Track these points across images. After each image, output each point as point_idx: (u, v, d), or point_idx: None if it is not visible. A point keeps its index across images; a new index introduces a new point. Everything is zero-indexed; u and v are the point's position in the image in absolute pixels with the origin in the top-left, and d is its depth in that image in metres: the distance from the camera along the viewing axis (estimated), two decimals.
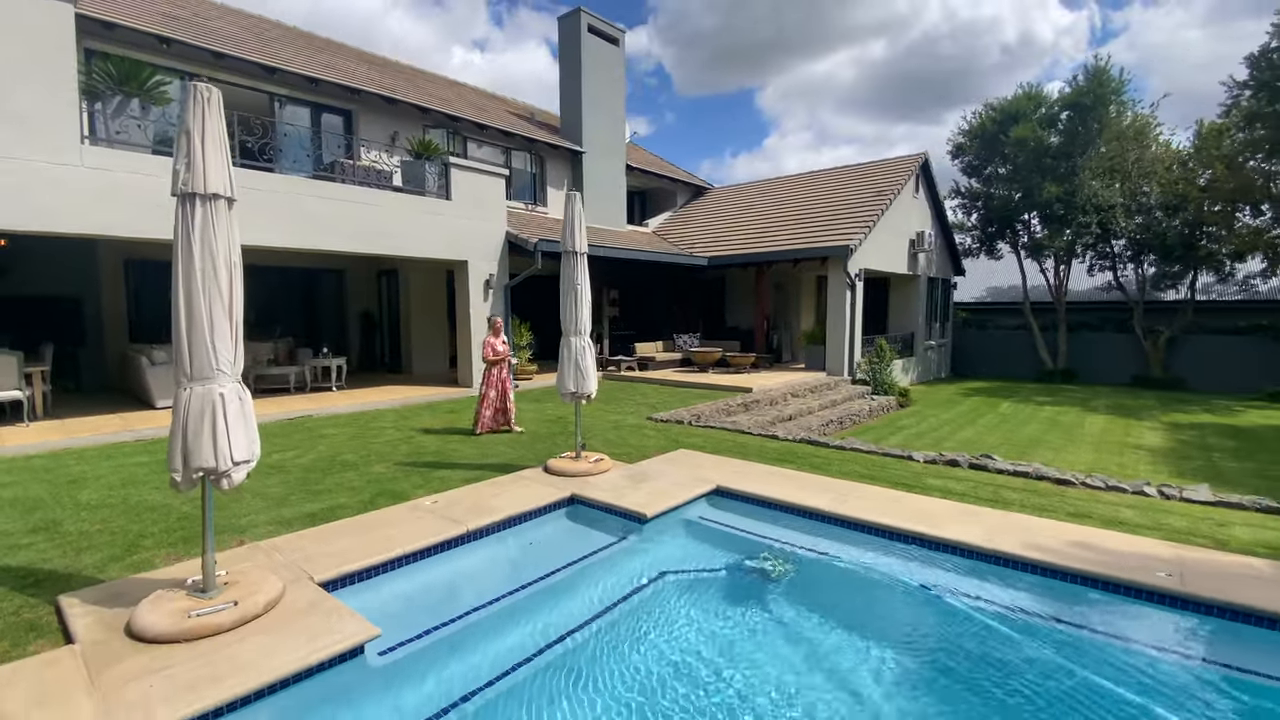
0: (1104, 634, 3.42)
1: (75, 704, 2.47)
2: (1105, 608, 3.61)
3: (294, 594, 3.40)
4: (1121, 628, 3.46)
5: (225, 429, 3.09)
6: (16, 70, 6.87)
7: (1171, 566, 3.76)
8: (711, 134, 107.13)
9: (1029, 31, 73.83)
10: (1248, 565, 3.83)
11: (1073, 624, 3.52)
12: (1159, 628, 3.43)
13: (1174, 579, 3.59)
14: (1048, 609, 3.68)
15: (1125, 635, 3.40)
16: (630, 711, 2.84)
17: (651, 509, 4.87)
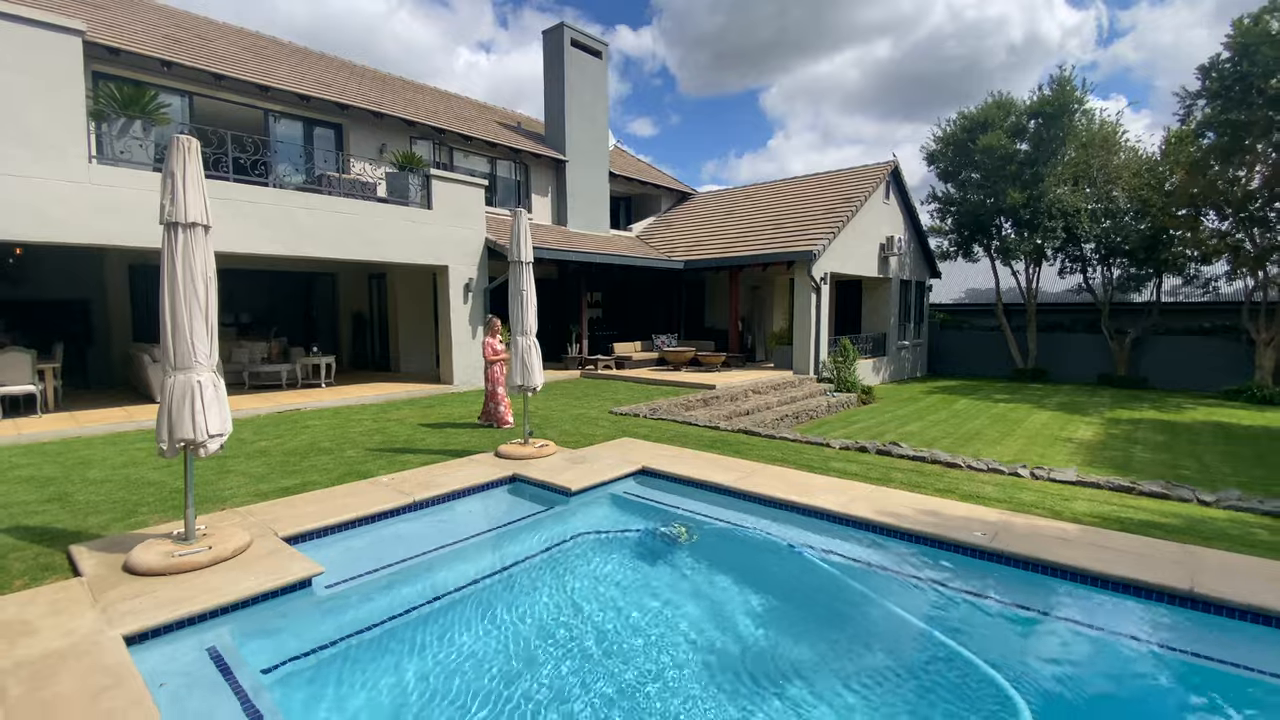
0: (920, 578, 4.18)
1: (81, 613, 3.26)
2: (927, 559, 4.37)
3: (259, 544, 4.19)
4: (936, 574, 4.21)
5: (202, 408, 3.88)
6: (30, 96, 7.70)
7: (992, 529, 4.51)
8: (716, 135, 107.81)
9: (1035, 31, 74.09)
10: (1061, 529, 4.57)
11: (897, 571, 4.28)
12: (967, 575, 4.18)
13: (986, 538, 4.33)
14: (882, 560, 4.44)
15: (939, 580, 4.15)
16: (527, 632, 3.62)
17: (578, 484, 5.65)
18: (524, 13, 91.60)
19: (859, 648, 3.63)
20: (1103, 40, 75.09)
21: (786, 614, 4.03)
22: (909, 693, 3.14)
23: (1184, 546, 4.19)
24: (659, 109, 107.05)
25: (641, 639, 3.60)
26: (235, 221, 9.38)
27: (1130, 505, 5.27)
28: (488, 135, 16.09)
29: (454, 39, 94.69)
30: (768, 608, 4.06)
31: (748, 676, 3.21)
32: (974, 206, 20.22)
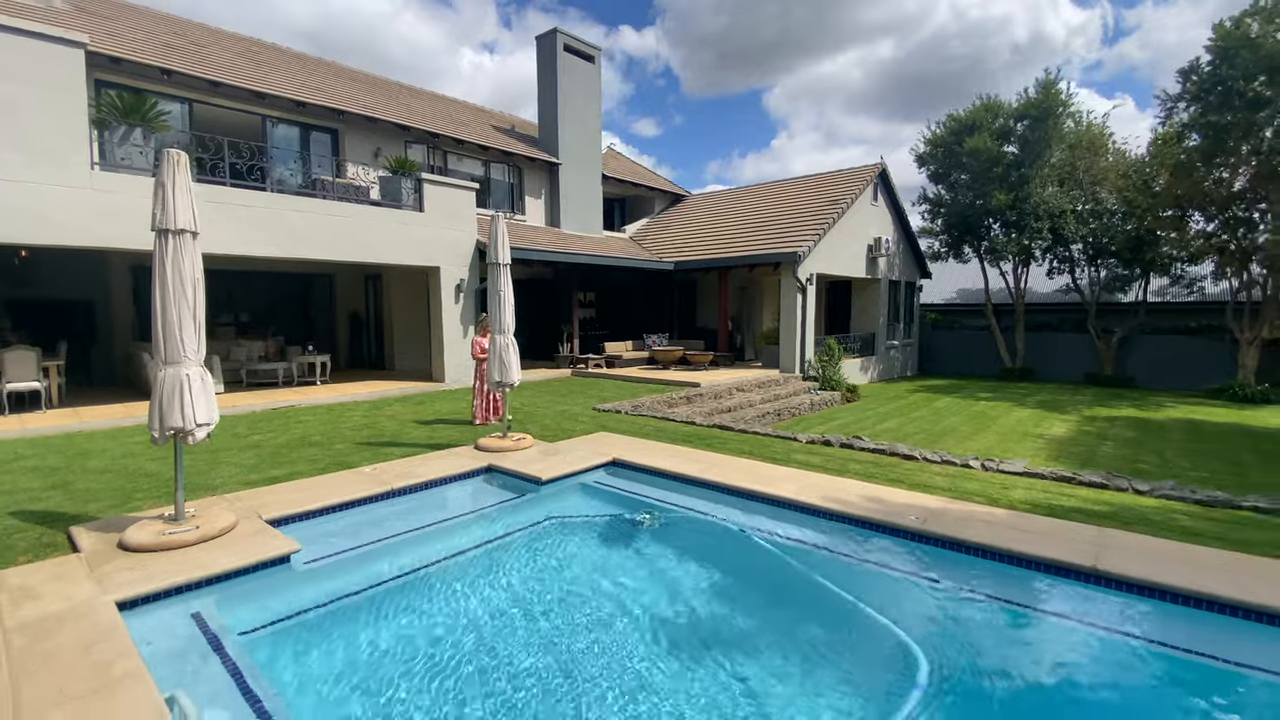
0: (855, 557, 4.51)
1: (79, 582, 3.61)
2: (864, 540, 4.69)
3: (244, 525, 4.53)
4: (870, 554, 4.54)
5: (190, 399, 4.22)
6: (36, 106, 8.08)
7: (928, 514, 4.83)
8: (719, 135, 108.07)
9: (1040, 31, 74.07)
10: (992, 514, 4.89)
11: (836, 551, 4.61)
12: (897, 555, 4.50)
13: (919, 522, 4.65)
14: (824, 541, 4.77)
15: (871, 559, 4.47)
16: (487, 602, 3.96)
17: (548, 474, 5.99)
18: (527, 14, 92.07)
19: (792, 616, 3.97)
20: (1108, 39, 75.08)
21: (731, 588, 4.36)
22: (830, 652, 3.49)
23: (1100, 529, 4.51)
24: (662, 109, 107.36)
25: (598, 608, 3.95)
26: (231, 225, 9.74)
27: (1067, 494, 5.59)
28: (481, 139, 16.45)
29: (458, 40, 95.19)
30: (715, 583, 4.40)
31: (692, 639, 3.58)
32: (962, 208, 20.50)
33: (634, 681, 3.15)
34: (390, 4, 79.95)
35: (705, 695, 3.04)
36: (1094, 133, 19.64)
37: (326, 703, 2.96)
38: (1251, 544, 4.36)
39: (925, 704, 2.94)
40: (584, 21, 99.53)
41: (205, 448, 7.18)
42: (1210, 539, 4.43)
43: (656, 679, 3.18)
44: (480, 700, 2.97)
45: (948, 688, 3.08)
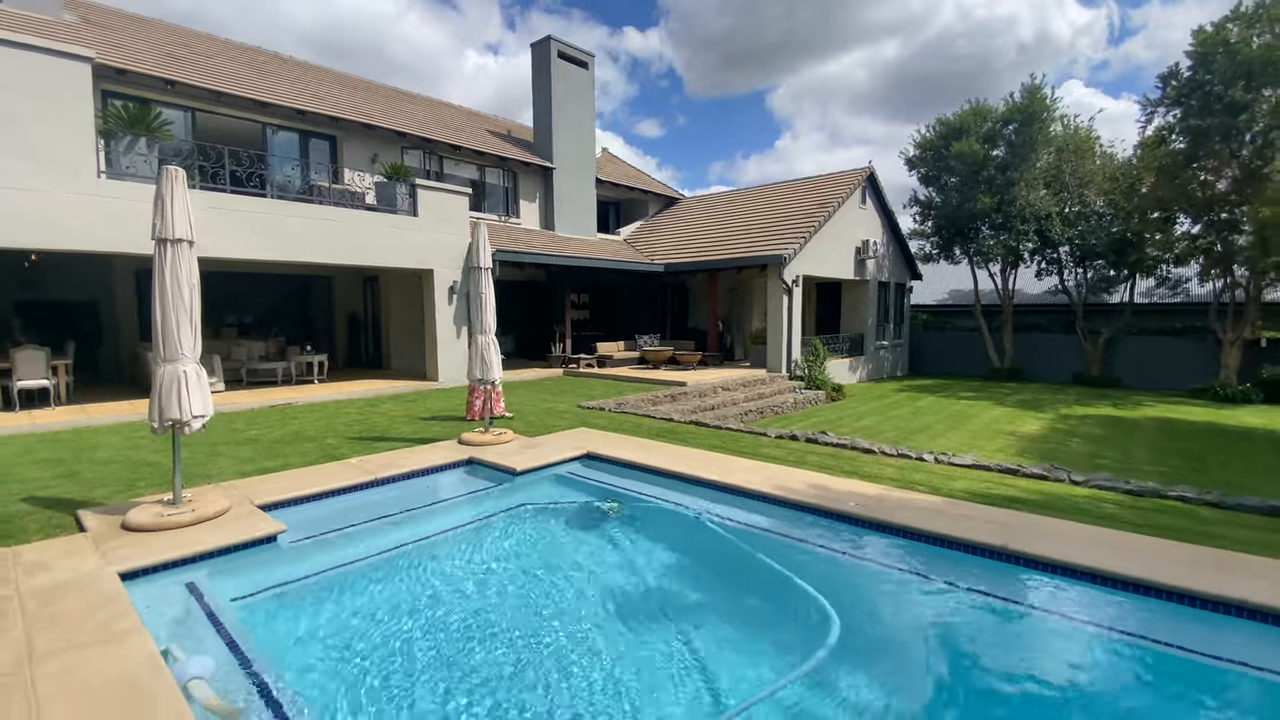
0: (794, 538, 4.90)
1: (85, 556, 4.02)
2: (804, 524, 5.08)
3: (236, 509, 4.94)
4: (807, 534, 4.93)
5: (186, 393, 4.64)
6: (45, 117, 8.52)
7: (868, 501, 5.21)
8: (723, 136, 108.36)
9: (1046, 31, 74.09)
10: (925, 501, 5.27)
11: (778, 533, 5.01)
12: (830, 535, 4.89)
13: (858, 507, 5.04)
14: (772, 525, 5.16)
15: (806, 539, 4.87)
16: (454, 577, 4.37)
17: (523, 465, 6.39)
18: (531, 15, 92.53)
19: (735, 589, 4.41)
20: (1114, 39, 75.05)
21: (685, 566, 4.77)
22: (764, 617, 3.94)
23: (1022, 514, 4.88)
24: (666, 110, 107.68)
25: (561, 581, 4.36)
26: (232, 230, 10.18)
27: (1007, 484, 5.96)
28: (476, 145, 16.88)
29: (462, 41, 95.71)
30: (671, 561, 4.82)
31: (646, 607, 4.02)
32: (951, 210, 20.84)
33: (589, 642, 3.56)
34: (394, 6, 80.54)
35: (655, 652, 3.46)
36: (1081, 136, 19.96)
37: (300, 652, 3.37)
38: (1167, 529, 4.72)
39: (832, 656, 3.35)
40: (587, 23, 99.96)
41: (204, 441, 7.62)
42: (1127, 524, 4.80)
43: (610, 639, 3.60)
44: (431, 651, 3.38)
45: (852, 643, 3.49)
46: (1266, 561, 3.96)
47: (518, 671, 3.28)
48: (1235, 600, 3.45)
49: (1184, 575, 3.69)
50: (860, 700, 3.12)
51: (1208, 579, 3.65)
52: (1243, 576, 3.67)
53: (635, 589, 4.33)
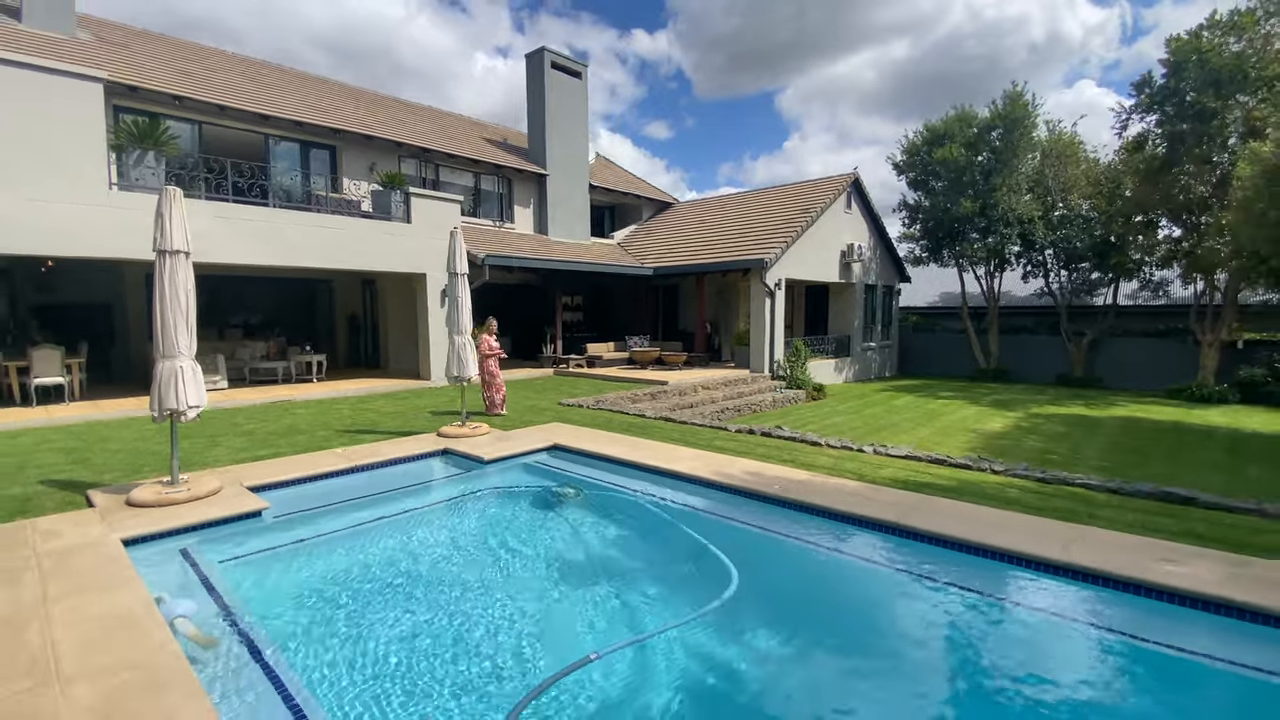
0: (718, 514, 5.49)
1: (93, 526, 4.65)
2: (735, 504, 5.65)
3: (228, 490, 5.57)
4: (735, 513, 5.51)
5: (183, 386, 5.27)
6: (60, 134, 9.22)
7: (792, 485, 5.77)
8: (731, 137, 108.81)
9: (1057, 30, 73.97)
10: (848, 485, 5.82)
11: (707, 511, 5.60)
12: (750, 512, 5.48)
13: (781, 490, 5.60)
14: (705, 505, 5.75)
15: (728, 515, 5.46)
16: (436, 550, 4.99)
17: (491, 455, 6.99)
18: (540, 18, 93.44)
19: (664, 557, 5.03)
20: (1126, 38, 74.84)
21: (624, 538, 5.37)
22: (683, 577, 4.58)
23: (924, 496, 5.43)
24: (674, 112, 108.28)
25: (511, 549, 4.98)
26: (236, 237, 10.85)
27: (930, 472, 6.50)
28: (472, 153, 17.54)
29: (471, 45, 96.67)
30: (613, 535, 5.44)
31: (586, 571, 4.67)
32: (936, 214, 21.30)
33: (535, 599, 4.18)
34: (405, 9, 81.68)
35: (590, 605, 4.08)
36: (1065, 140, 20.38)
37: (272, 602, 3.99)
38: (1054, 510, 5.25)
39: (728, 602, 3.98)
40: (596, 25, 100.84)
41: (205, 433, 8.27)
42: (1022, 506, 5.33)
43: (552, 595, 4.22)
44: (386, 600, 3.99)
45: (745, 594, 4.10)
46: (1115, 535, 4.49)
47: (463, 617, 3.89)
48: (1065, 563, 4.00)
49: (1034, 545, 4.24)
50: (745, 635, 3.74)
51: (1056, 549, 4.19)
52: (1088, 547, 4.21)
53: (579, 556, 4.93)
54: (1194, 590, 3.62)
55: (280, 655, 3.22)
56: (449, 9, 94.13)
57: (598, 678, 3.18)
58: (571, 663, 3.24)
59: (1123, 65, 75.68)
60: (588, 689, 3.09)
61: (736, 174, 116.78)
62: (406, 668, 3.29)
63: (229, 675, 3.08)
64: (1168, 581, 3.72)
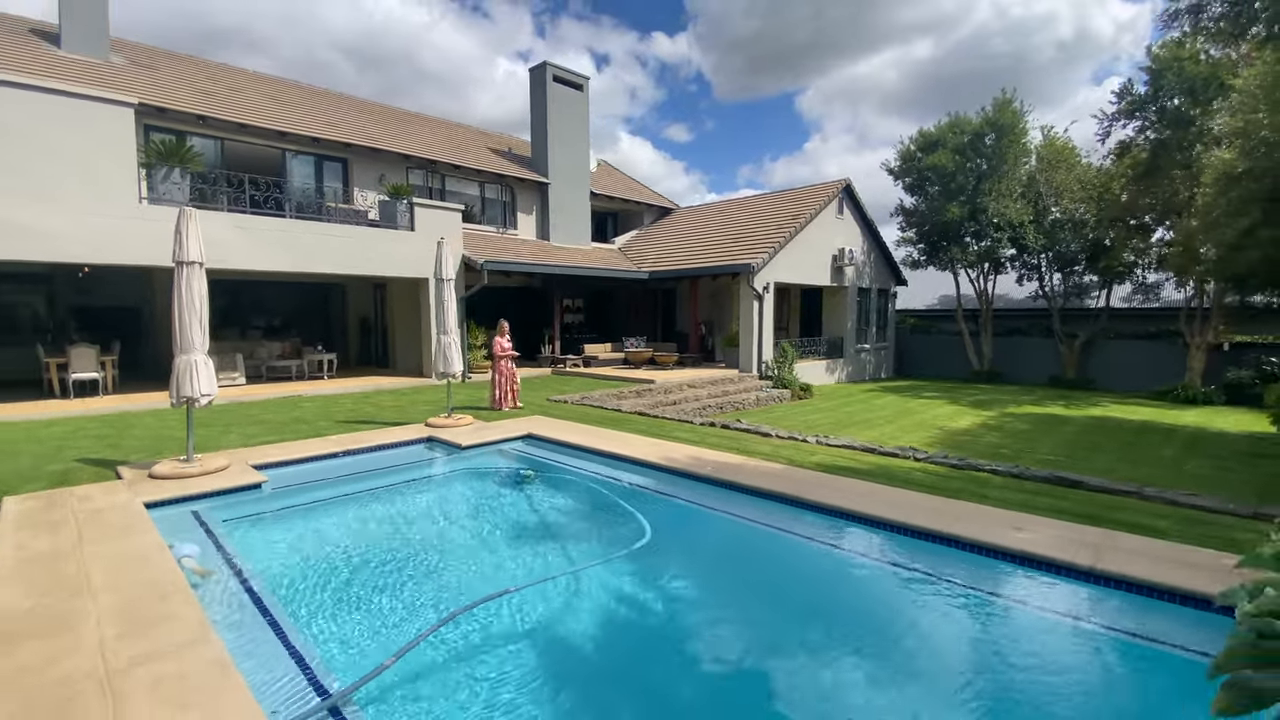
0: (657, 491, 6.26)
1: (120, 493, 5.58)
2: (671, 482, 6.43)
3: (234, 467, 6.48)
4: (670, 490, 6.28)
5: (197, 377, 6.18)
6: (95, 153, 10.29)
7: (724, 467, 6.52)
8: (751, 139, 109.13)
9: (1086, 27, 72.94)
10: (772, 468, 6.55)
11: (645, 487, 6.38)
12: (683, 488, 6.25)
13: (713, 471, 6.36)
14: (646, 483, 6.53)
15: (661, 490, 6.23)
16: (413, 513, 5.86)
17: (468, 442, 7.84)
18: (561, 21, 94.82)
19: (601, 522, 5.81)
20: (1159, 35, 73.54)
21: (571, 510, 6.16)
22: (612, 536, 5.35)
23: (829, 476, 6.16)
24: (694, 114, 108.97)
25: (478, 518, 5.82)
26: (253, 245, 11.86)
27: (858, 459, 7.19)
28: (476, 164, 18.51)
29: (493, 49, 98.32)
30: (563, 506, 6.24)
31: (536, 534, 5.49)
32: (925, 218, 21.80)
33: (492, 552, 5.03)
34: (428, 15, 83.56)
35: (535, 559, 4.90)
36: (1057, 146, 20.76)
37: (263, 550, 4.88)
38: (943, 489, 5.91)
39: (643, 548, 4.85)
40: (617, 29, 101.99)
41: (221, 422, 9.24)
42: (919, 486, 6.02)
43: (496, 545, 5.08)
44: (355, 547, 4.85)
45: (654, 545, 4.95)
46: (980, 507, 5.19)
47: (424, 562, 4.74)
48: (917, 527, 4.72)
49: (897, 513, 4.96)
50: (652, 573, 4.59)
51: (920, 517, 4.90)
52: (948, 516, 4.92)
53: (528, 519, 5.77)
54: (1017, 549, 4.32)
55: (261, 581, 4.09)
56: (471, 14, 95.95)
57: (518, 604, 4.00)
58: (491, 593, 4.05)
59: None
60: (510, 613, 3.90)
61: (756, 176, 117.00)
62: (359, 588, 4.18)
63: (220, 593, 3.96)
64: (1003, 543, 4.42)
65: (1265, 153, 9.87)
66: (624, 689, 3.35)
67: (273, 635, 3.42)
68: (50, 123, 9.92)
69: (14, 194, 9.49)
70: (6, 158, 9.54)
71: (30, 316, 14.84)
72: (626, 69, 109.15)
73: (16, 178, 9.61)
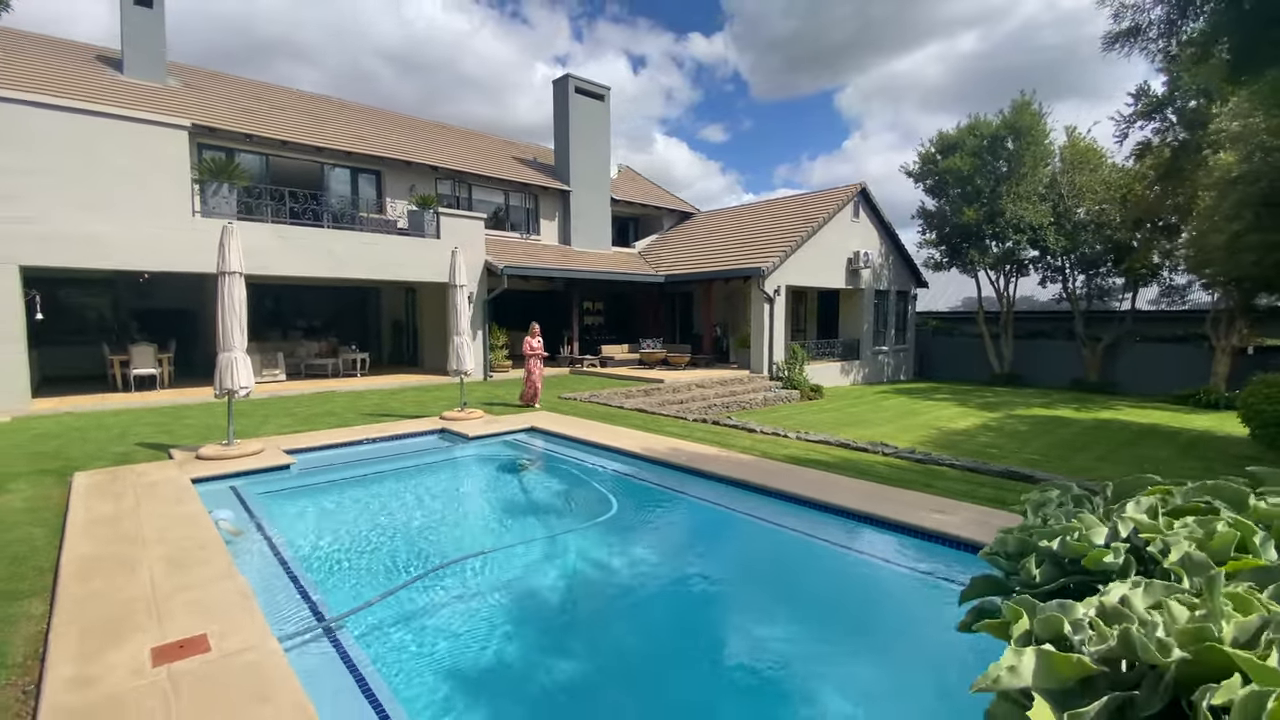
0: (630, 475, 6.94)
1: (172, 471, 6.52)
2: (648, 468, 7.11)
3: (268, 451, 7.41)
4: (643, 474, 6.97)
5: (237, 371, 7.12)
6: (152, 172, 11.45)
7: (697, 458, 7.15)
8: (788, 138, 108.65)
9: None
10: (742, 459, 7.15)
11: (625, 473, 7.06)
12: (654, 474, 6.92)
13: (688, 461, 6.99)
14: (625, 469, 7.22)
15: (634, 474, 6.92)
16: (418, 491, 6.70)
17: (475, 433, 8.64)
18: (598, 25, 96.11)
19: (579, 500, 6.53)
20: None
21: (559, 491, 6.94)
22: (587, 511, 6.05)
23: (794, 467, 6.72)
24: (731, 114, 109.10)
25: (465, 492, 6.66)
26: (292, 253, 12.95)
27: (829, 453, 7.73)
28: (501, 173, 19.47)
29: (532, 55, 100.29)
30: (552, 488, 7.07)
31: (524, 510, 6.31)
32: (943, 221, 21.89)
33: (490, 525, 5.81)
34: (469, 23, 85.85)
35: (522, 529, 5.66)
36: (1080, 148, 20.64)
37: (287, 516, 5.74)
38: (900, 481, 6.43)
39: (607, 520, 5.54)
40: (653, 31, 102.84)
41: (260, 414, 10.27)
42: (875, 477, 6.54)
43: (500, 525, 5.86)
44: (364, 515, 5.67)
45: (616, 518, 5.64)
46: (916, 495, 5.71)
47: (418, 528, 5.54)
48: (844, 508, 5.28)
49: (842, 498, 5.52)
50: (610, 539, 5.31)
51: (855, 500, 5.47)
52: (877, 500, 5.47)
53: (516, 496, 6.59)
54: (930, 528, 4.86)
55: (280, 539, 4.94)
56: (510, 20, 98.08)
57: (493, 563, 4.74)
58: (470, 552, 4.81)
59: None
60: (479, 572, 4.65)
61: (794, 175, 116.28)
62: (359, 546, 5.02)
63: (247, 546, 4.83)
64: (917, 522, 4.96)
65: (1261, 157, 10.01)
66: (576, 621, 4.12)
67: (285, 577, 4.23)
68: (116, 144, 11.12)
69: (85, 209, 10.70)
70: (80, 177, 10.75)
71: (96, 319, 16.34)
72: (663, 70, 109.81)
73: (87, 194, 10.82)
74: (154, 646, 3.13)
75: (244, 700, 2.74)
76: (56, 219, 10.41)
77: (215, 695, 2.77)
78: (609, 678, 3.55)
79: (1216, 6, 5.07)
